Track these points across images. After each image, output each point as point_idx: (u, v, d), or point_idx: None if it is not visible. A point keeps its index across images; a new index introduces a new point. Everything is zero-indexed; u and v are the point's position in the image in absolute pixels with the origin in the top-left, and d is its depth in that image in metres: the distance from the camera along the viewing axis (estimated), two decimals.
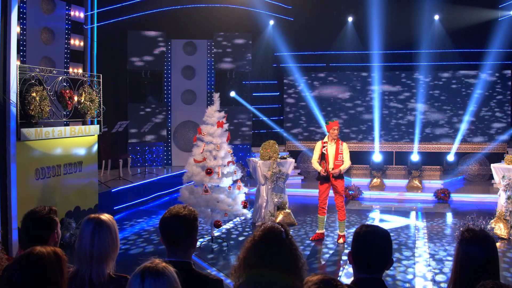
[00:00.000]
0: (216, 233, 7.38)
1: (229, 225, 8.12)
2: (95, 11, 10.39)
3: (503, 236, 7.27)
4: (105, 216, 2.50)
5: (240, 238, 7.44)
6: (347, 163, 7.08)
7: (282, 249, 2.26)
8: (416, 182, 11.22)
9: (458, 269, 2.34)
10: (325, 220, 7.35)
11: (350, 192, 10.61)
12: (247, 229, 7.97)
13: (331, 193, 7.23)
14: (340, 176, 7.09)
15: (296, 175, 12.46)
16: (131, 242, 7.23)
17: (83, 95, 7.50)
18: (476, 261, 2.29)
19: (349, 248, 2.45)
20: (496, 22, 12.06)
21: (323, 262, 6.41)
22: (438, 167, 12.81)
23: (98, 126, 7.93)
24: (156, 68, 12.87)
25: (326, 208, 7.25)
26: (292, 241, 2.33)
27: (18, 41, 7.96)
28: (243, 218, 8.27)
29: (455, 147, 12.52)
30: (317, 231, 7.35)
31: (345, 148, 7.13)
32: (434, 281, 5.61)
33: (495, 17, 12.20)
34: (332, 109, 13.65)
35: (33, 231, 2.76)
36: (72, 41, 10.20)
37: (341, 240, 7.11)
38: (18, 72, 6.16)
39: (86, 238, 2.39)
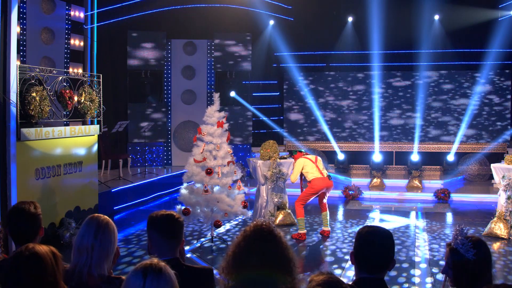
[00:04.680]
0: (216, 233, 7.37)
1: (229, 225, 8.12)
2: (95, 11, 10.39)
3: (503, 236, 7.26)
4: (107, 219, 2.56)
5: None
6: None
7: (273, 246, 2.25)
8: (416, 182, 11.22)
9: (452, 272, 2.35)
10: (325, 216, 7.57)
11: (350, 192, 10.61)
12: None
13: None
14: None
15: None
16: None
17: (83, 95, 7.49)
18: (468, 265, 2.29)
19: (351, 247, 2.45)
20: (496, 22, 12.06)
21: (323, 262, 6.41)
22: (438, 167, 12.81)
23: (98, 126, 7.93)
24: (156, 68, 12.87)
25: (323, 206, 7.56)
26: (283, 239, 2.32)
27: (18, 41, 7.95)
28: (243, 218, 8.28)
29: (455, 147, 12.52)
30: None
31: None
32: (434, 281, 5.61)
33: (495, 17, 12.20)
34: (332, 109, 13.66)
35: (21, 229, 2.76)
36: (72, 41, 10.20)
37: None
38: (18, 72, 6.16)
39: (89, 233, 2.44)
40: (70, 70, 9.82)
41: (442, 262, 6.18)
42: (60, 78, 7.20)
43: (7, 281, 1.90)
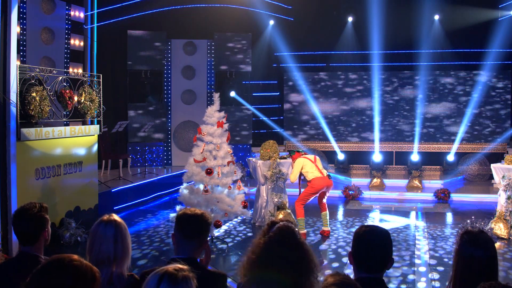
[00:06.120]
0: (216, 233, 7.38)
1: (229, 225, 8.12)
2: (95, 11, 10.39)
3: (503, 236, 7.27)
4: (118, 218, 2.51)
5: (240, 238, 7.44)
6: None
7: (297, 249, 2.26)
8: (416, 182, 11.22)
9: (458, 270, 2.35)
10: (325, 216, 7.60)
11: (350, 192, 10.61)
12: (247, 229, 7.97)
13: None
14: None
15: None
16: None
17: (83, 95, 7.50)
18: (476, 262, 2.29)
19: (348, 248, 2.45)
20: (496, 22, 12.06)
21: (323, 262, 6.41)
22: (438, 167, 12.81)
23: (98, 126, 7.93)
24: (156, 68, 12.87)
25: (323, 205, 7.59)
26: (304, 241, 2.33)
27: (18, 41, 7.95)
28: (243, 218, 8.28)
29: (455, 147, 12.52)
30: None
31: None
32: (433, 281, 5.61)
33: (495, 17, 12.20)
34: (332, 109, 13.66)
35: (24, 229, 2.73)
36: (72, 41, 10.21)
37: None
38: (18, 72, 6.17)
39: (109, 241, 2.38)
40: (70, 70, 9.82)
41: (442, 262, 6.18)
42: (60, 78, 7.21)
43: (31, 281, 1.76)
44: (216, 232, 7.43)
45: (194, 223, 2.61)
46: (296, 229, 2.32)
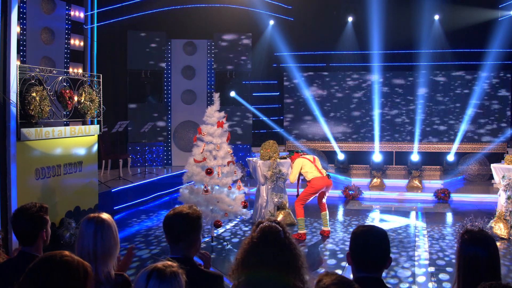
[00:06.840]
0: (216, 233, 7.38)
1: (229, 225, 8.13)
2: (95, 11, 10.38)
3: (503, 236, 7.26)
4: (105, 215, 2.51)
5: (240, 238, 7.44)
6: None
7: (281, 249, 2.25)
8: (416, 182, 11.22)
9: (461, 269, 2.35)
10: (324, 216, 7.59)
11: (350, 192, 10.61)
12: (247, 229, 7.97)
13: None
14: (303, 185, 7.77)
15: None
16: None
17: (83, 95, 7.50)
18: (479, 261, 2.30)
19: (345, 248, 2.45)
20: (496, 22, 12.07)
21: (323, 262, 6.41)
22: (438, 167, 12.81)
23: (98, 126, 7.93)
24: (156, 68, 12.87)
25: (322, 205, 7.57)
26: (291, 240, 2.33)
27: (18, 41, 7.96)
28: (243, 218, 8.27)
29: (455, 147, 12.52)
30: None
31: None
32: (434, 280, 5.61)
33: (495, 17, 12.20)
34: (332, 109, 13.66)
35: (22, 229, 2.74)
36: (72, 41, 10.21)
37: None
38: (18, 72, 6.16)
39: (89, 237, 2.40)
40: (70, 70, 9.83)
41: (442, 262, 6.18)
42: (60, 78, 7.20)
43: (24, 279, 1.75)
44: (216, 232, 7.43)
45: (178, 226, 2.52)
46: (281, 228, 2.32)
